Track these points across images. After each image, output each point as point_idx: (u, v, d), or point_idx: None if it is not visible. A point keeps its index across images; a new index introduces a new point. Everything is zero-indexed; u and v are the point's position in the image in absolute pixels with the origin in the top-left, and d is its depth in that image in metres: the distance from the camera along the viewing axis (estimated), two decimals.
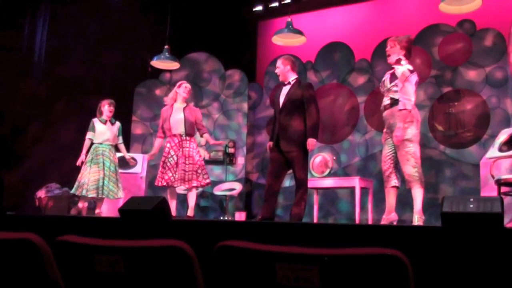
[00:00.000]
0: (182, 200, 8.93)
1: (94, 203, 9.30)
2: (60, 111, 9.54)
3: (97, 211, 7.62)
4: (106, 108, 7.81)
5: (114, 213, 7.90)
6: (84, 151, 7.66)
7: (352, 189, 7.83)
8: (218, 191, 10.04)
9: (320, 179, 8.69)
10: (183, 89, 7.09)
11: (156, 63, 9.10)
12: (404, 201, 8.87)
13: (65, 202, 9.23)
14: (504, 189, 5.66)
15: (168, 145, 6.93)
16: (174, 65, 9.21)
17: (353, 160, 9.56)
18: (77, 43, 9.74)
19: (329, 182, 7.98)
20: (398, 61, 5.34)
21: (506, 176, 5.57)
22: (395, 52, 5.37)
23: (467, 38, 8.87)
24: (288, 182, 9.90)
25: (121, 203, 5.86)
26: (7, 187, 8.83)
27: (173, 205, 6.95)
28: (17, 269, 2.09)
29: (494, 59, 8.64)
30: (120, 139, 7.91)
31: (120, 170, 8.31)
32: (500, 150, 6.18)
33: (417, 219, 5.15)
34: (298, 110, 5.90)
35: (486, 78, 8.65)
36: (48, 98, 9.50)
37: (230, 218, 7.02)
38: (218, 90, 10.86)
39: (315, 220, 8.02)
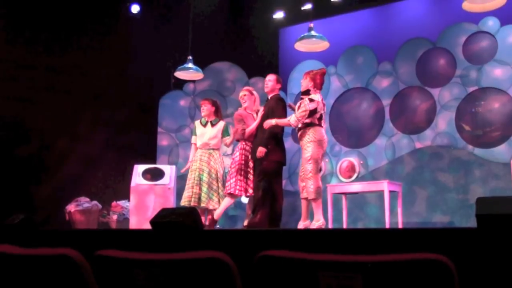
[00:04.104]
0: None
1: (124, 215, 9.37)
2: (86, 126, 9.63)
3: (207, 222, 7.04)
4: (202, 108, 7.57)
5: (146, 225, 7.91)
6: (190, 157, 7.48)
7: (380, 193, 7.76)
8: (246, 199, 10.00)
9: (347, 184, 8.64)
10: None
11: (180, 74, 9.13)
12: (434, 204, 8.81)
13: (95, 215, 9.30)
14: None
15: (243, 152, 6.90)
16: (198, 75, 9.23)
17: (380, 164, 9.48)
18: (100, 56, 9.83)
19: (357, 187, 7.93)
20: (306, 92, 6.37)
21: None
22: (305, 84, 6.41)
23: (492, 36, 8.77)
24: None
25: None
26: (37, 202, 8.92)
27: None
28: (57, 286, 2.10)
29: None
30: (228, 141, 7.40)
31: (149, 182, 8.32)
32: None
33: (316, 225, 6.07)
34: None
35: None
36: (74, 113, 9.59)
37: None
38: None
39: (344, 226, 7.97)
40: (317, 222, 6.09)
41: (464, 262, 2.33)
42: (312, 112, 6.18)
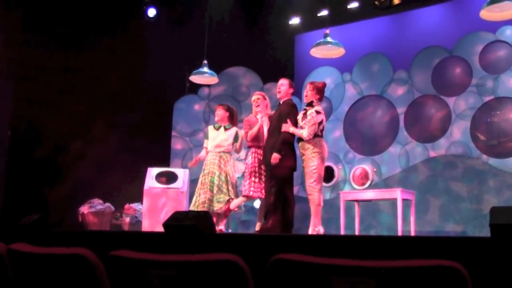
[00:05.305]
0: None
1: (136, 217, 9.40)
2: (101, 128, 9.68)
3: (219, 227, 6.98)
4: (216, 113, 7.55)
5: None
6: (197, 156, 7.56)
7: (393, 201, 7.72)
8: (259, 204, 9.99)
9: (360, 191, 8.62)
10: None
11: (195, 78, 9.15)
12: (448, 213, 8.76)
13: (108, 217, 9.34)
14: None
15: (256, 155, 6.88)
16: (213, 79, 9.25)
17: (394, 172, 9.46)
18: (116, 59, 9.87)
19: (370, 194, 7.90)
20: (311, 104, 6.43)
21: None
22: (311, 95, 6.47)
23: (509, 45, 8.72)
24: (328, 195, 9.84)
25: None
26: (50, 203, 8.97)
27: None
28: (70, 285, 2.11)
29: None
30: (237, 146, 7.34)
31: (162, 185, 8.34)
32: None
33: (311, 231, 6.26)
34: None
35: None
36: (88, 115, 9.64)
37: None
38: None
39: (356, 233, 7.94)
40: (318, 227, 6.23)
41: (478, 272, 2.31)
42: (319, 124, 6.30)
